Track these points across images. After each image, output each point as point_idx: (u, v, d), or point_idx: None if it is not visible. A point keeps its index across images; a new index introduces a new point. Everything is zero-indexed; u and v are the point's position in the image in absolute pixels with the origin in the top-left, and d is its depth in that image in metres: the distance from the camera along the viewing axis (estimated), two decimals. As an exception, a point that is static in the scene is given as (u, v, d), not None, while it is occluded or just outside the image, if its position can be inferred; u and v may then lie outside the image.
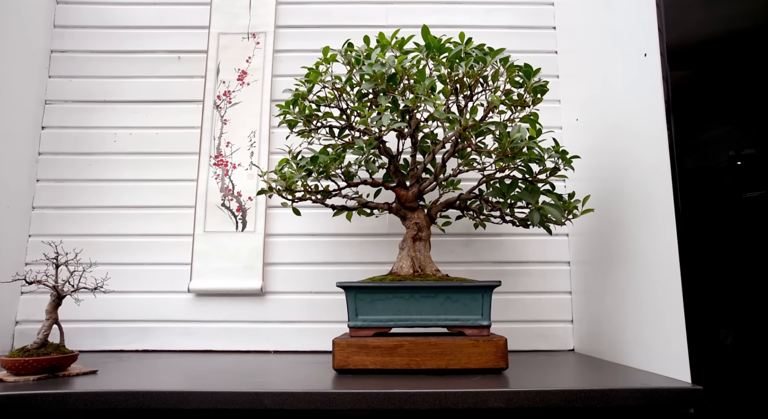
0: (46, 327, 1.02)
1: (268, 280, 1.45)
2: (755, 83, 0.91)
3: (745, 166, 0.90)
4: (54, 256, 1.05)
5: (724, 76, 0.93)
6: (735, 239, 0.89)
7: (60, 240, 1.21)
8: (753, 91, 0.91)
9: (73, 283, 1.07)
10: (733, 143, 0.91)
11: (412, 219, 1.16)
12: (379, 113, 0.99)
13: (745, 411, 0.86)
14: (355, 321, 1.04)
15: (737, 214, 0.89)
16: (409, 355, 1.01)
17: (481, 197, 1.17)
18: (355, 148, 1.04)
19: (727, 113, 0.92)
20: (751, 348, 0.86)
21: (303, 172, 1.02)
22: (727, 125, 0.91)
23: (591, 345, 1.33)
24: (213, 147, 1.51)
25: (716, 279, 0.89)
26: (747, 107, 0.91)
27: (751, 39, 0.92)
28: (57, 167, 1.51)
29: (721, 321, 0.87)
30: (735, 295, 0.88)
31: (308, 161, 1.02)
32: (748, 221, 0.89)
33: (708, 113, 0.93)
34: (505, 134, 0.96)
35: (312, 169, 1.02)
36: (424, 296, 1.05)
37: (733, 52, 0.93)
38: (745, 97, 0.92)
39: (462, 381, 0.92)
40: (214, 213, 1.47)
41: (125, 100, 1.55)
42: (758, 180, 0.89)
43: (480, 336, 1.04)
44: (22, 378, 0.94)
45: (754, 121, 0.91)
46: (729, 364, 0.86)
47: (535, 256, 1.47)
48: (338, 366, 1.01)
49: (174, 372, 1.06)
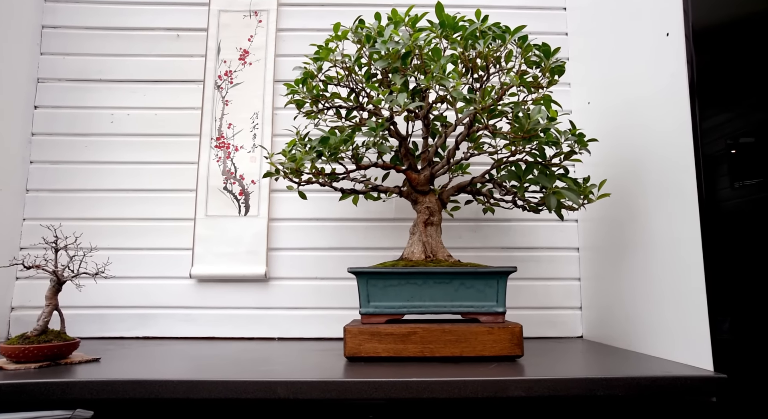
0: (47, 313, 0.98)
1: (271, 265, 1.41)
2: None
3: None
4: (53, 240, 1.01)
5: (752, 58, 0.89)
6: (760, 224, 0.86)
7: (59, 223, 1.17)
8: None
9: (72, 268, 1.03)
10: (758, 127, 0.88)
11: (424, 203, 1.13)
12: (392, 92, 0.95)
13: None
14: (367, 308, 1.01)
15: (763, 198, 0.87)
16: (423, 342, 0.99)
17: (495, 180, 1.13)
18: (366, 129, 1.00)
19: (753, 96, 0.89)
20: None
21: (313, 154, 0.98)
22: (753, 109, 0.89)
23: (600, 331, 1.31)
24: (214, 129, 1.46)
25: (740, 265, 0.87)
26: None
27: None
28: (51, 148, 1.46)
29: (744, 308, 0.85)
30: (759, 281, 0.86)
31: (318, 142, 0.98)
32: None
33: (734, 96, 0.90)
34: (526, 115, 0.93)
35: (322, 151, 0.98)
36: (438, 282, 1.02)
37: (763, 33, 0.90)
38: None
39: (478, 369, 0.90)
40: (216, 197, 1.43)
41: (122, 79, 1.50)
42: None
43: (495, 322, 1.01)
44: (22, 366, 0.90)
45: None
46: (753, 352, 0.84)
47: (544, 242, 1.45)
48: (350, 354, 0.99)
49: (178, 360, 1.03)
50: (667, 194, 1.01)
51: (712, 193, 0.89)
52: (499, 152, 1.20)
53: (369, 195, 1.31)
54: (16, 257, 0.97)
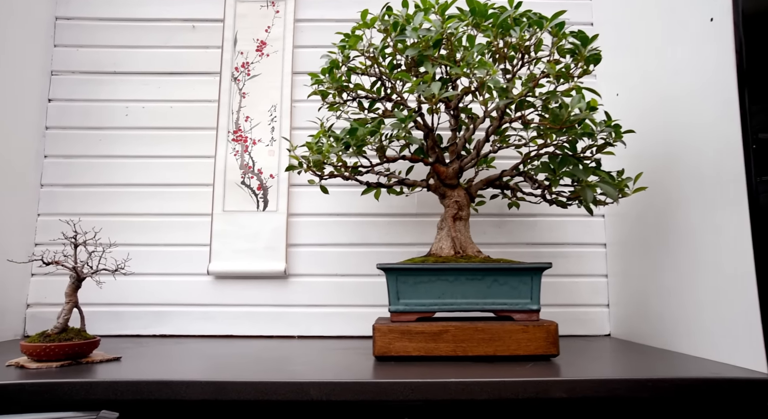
0: (66, 310, 0.95)
1: (291, 262, 1.38)
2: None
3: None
4: (72, 235, 0.98)
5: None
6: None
7: (78, 218, 1.13)
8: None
9: (91, 264, 0.99)
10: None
11: (452, 197, 1.10)
12: (425, 81, 0.91)
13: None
14: (397, 305, 0.98)
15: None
16: (455, 341, 0.95)
17: (525, 174, 1.10)
18: (394, 120, 0.96)
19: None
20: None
21: (341, 145, 0.94)
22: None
23: (630, 329, 1.28)
24: (231, 122, 1.42)
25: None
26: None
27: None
28: (65, 142, 1.43)
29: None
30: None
31: (347, 133, 0.94)
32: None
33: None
34: (565, 105, 0.89)
35: (350, 142, 0.95)
36: (470, 279, 0.98)
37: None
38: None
39: (514, 369, 0.86)
40: (234, 192, 1.39)
41: (137, 71, 1.46)
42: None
43: (529, 320, 0.98)
44: (44, 364, 0.87)
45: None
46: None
47: (570, 238, 1.41)
48: (379, 353, 0.95)
49: (199, 359, 1.00)
50: (709, 187, 0.97)
51: (764, 184, 0.85)
52: (527, 144, 1.16)
53: (392, 190, 1.27)
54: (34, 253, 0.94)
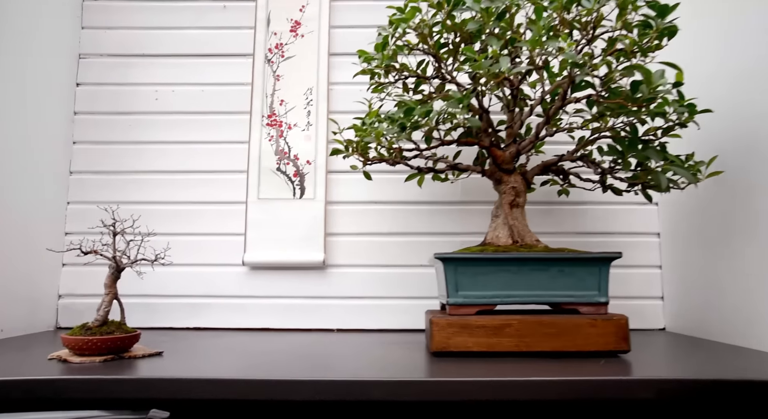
0: (107, 302, 0.90)
1: (329, 252, 1.32)
2: None
3: None
4: (111, 223, 0.93)
5: None
6: None
7: (117, 206, 1.08)
8: None
9: (129, 254, 0.94)
10: None
11: (509, 183, 1.03)
12: (492, 56, 0.85)
13: None
14: (456, 298, 0.92)
15: None
16: (518, 336, 0.89)
17: (586, 158, 1.03)
18: (450, 101, 0.90)
19: None
20: None
21: (396, 127, 0.88)
22: None
23: (687, 323, 1.21)
24: (265, 106, 1.36)
25: None
26: None
27: None
28: (94, 127, 1.38)
29: None
30: None
31: (403, 113, 0.88)
32: None
33: None
34: (648, 76, 0.82)
35: (405, 123, 0.88)
36: (534, 270, 0.92)
37: None
38: None
39: (585, 366, 0.80)
40: (269, 179, 1.33)
41: (166, 53, 1.40)
42: None
43: (597, 314, 0.91)
44: (87, 358, 0.82)
45: None
46: None
47: (621, 227, 1.34)
48: (437, 348, 0.89)
49: (245, 355, 0.95)
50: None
51: None
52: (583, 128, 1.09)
53: (437, 176, 1.21)
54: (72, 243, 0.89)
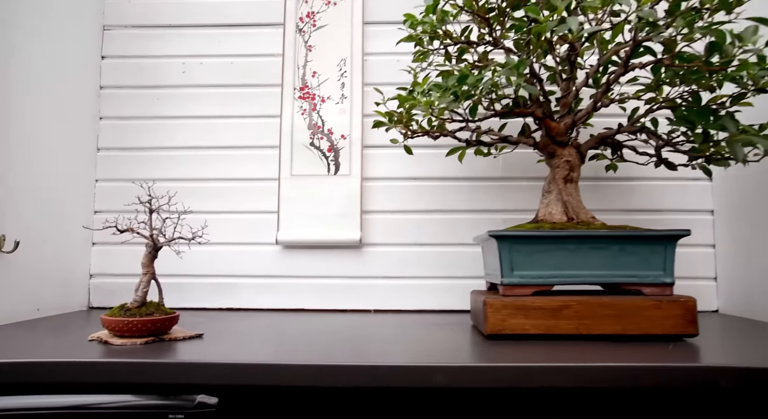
0: (145, 282, 0.86)
1: (365, 230, 1.27)
2: None
3: None
4: (147, 200, 0.88)
5: None
6: None
7: (153, 182, 1.04)
8: None
9: (164, 232, 0.90)
10: None
11: (563, 156, 0.97)
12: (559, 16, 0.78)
13: None
14: (511, 278, 0.86)
15: None
16: (578, 318, 0.84)
17: (647, 129, 0.96)
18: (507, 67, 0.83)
19: None
20: None
21: (449, 96, 0.82)
22: None
23: (742, 305, 1.15)
24: (297, 78, 1.30)
25: None
26: None
27: None
28: (120, 102, 1.33)
29: None
30: None
31: (456, 81, 0.82)
32: None
33: None
34: (741, 38, 0.74)
35: (458, 92, 0.82)
36: (594, 248, 0.86)
37: None
38: None
39: (652, 351, 0.75)
40: (302, 154, 1.28)
41: (193, 24, 1.34)
42: None
43: (662, 295, 0.86)
44: (128, 340, 0.79)
45: None
46: None
47: (672, 203, 1.27)
48: (492, 331, 0.84)
49: (286, 337, 0.91)
50: None
51: None
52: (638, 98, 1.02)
53: (479, 151, 1.15)
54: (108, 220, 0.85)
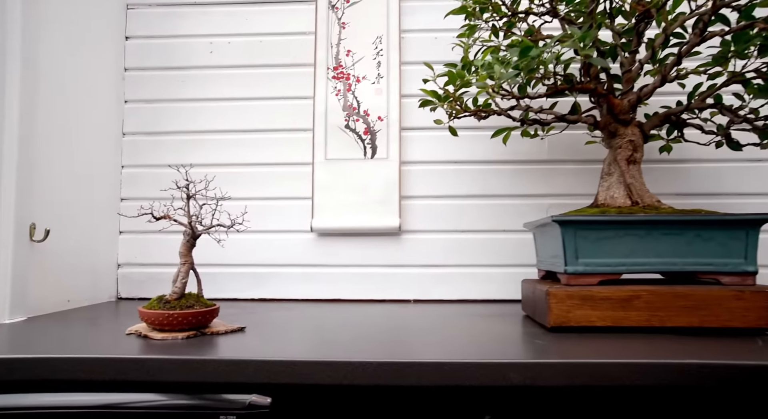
0: (183, 273, 0.81)
1: (404, 216, 1.22)
2: None
3: None
4: (185, 185, 0.83)
5: None
6: None
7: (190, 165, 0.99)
8: None
9: (201, 219, 0.85)
10: None
11: (626, 136, 0.90)
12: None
13: None
14: (576, 266, 0.80)
15: None
16: (649, 309, 0.78)
17: (722, 105, 0.88)
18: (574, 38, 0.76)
19: None
20: None
21: (511, 70, 0.75)
22: None
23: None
24: (330, 57, 1.24)
25: None
26: None
27: None
28: (145, 84, 1.27)
29: None
30: None
31: (519, 54, 0.75)
32: None
33: None
34: None
35: (520, 66, 0.75)
36: (666, 234, 0.80)
37: None
38: None
39: (735, 346, 0.68)
40: (337, 137, 1.22)
41: (218, 1, 1.28)
42: None
43: (744, 285, 0.79)
44: (169, 335, 0.74)
45: None
46: None
47: (729, 187, 1.19)
48: (556, 323, 0.79)
49: (331, 331, 0.85)
50: None
51: None
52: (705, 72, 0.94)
53: (525, 132, 1.08)
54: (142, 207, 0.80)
